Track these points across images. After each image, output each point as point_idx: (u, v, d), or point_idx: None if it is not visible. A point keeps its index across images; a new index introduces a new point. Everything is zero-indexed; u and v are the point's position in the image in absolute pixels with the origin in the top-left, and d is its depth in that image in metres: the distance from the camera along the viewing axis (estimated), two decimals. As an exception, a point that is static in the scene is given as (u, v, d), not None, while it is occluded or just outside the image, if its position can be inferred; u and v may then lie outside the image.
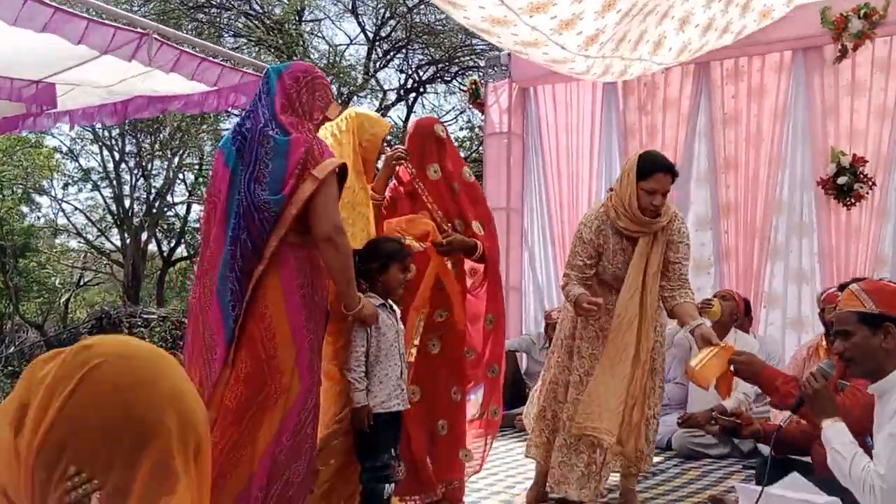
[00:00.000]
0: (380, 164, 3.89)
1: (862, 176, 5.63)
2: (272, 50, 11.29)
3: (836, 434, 2.58)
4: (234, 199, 2.83)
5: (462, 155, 12.80)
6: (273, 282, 2.78)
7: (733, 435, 3.65)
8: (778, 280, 6.20)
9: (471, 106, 8.01)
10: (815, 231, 6.01)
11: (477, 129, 12.85)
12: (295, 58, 11.16)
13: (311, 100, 2.93)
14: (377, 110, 12.72)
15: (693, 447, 5.12)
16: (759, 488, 2.68)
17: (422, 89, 13.05)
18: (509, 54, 7.26)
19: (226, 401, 2.77)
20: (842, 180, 5.64)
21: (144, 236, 14.71)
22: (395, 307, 3.36)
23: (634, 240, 3.67)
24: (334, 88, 12.24)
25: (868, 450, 2.64)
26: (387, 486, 3.17)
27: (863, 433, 2.68)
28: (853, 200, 5.68)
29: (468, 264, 3.95)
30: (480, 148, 11.98)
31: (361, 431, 3.16)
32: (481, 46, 11.97)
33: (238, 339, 2.77)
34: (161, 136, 13.75)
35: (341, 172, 2.92)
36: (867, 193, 5.66)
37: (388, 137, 3.84)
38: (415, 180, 3.84)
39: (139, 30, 5.36)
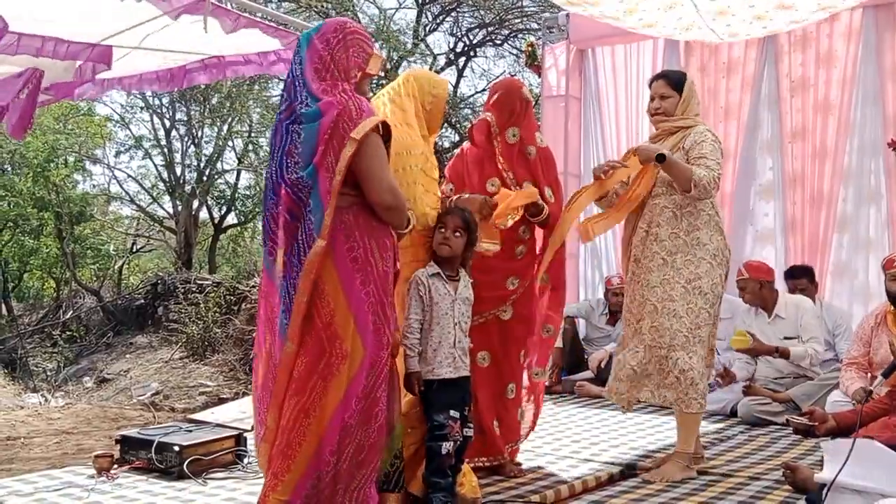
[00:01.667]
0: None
1: (940, 140, 5.42)
2: (322, 15, 11.23)
3: None
4: (271, 177, 2.83)
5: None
6: (321, 254, 2.72)
7: (808, 435, 3.55)
8: (846, 250, 6.04)
9: (526, 68, 7.88)
10: (885, 198, 5.82)
11: (531, 94, 12.70)
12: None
13: (346, 58, 2.80)
14: (427, 75, 12.62)
15: (759, 415, 5.03)
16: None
17: (472, 53, 12.89)
18: (567, 15, 7.11)
19: (294, 371, 2.76)
20: (915, 141, 5.44)
21: (196, 203, 14.85)
22: (461, 274, 3.37)
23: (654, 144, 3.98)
24: (384, 53, 12.16)
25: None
26: (444, 444, 3.20)
27: None
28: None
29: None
30: (536, 112, 11.85)
31: (421, 395, 3.25)
32: (532, 8, 11.77)
33: (301, 311, 2.74)
34: (210, 103, 13.80)
35: (385, 132, 2.82)
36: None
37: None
38: (495, 139, 3.81)
39: (196, -6, 5.34)
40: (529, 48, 7.39)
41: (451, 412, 3.24)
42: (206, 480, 3.76)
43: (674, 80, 3.97)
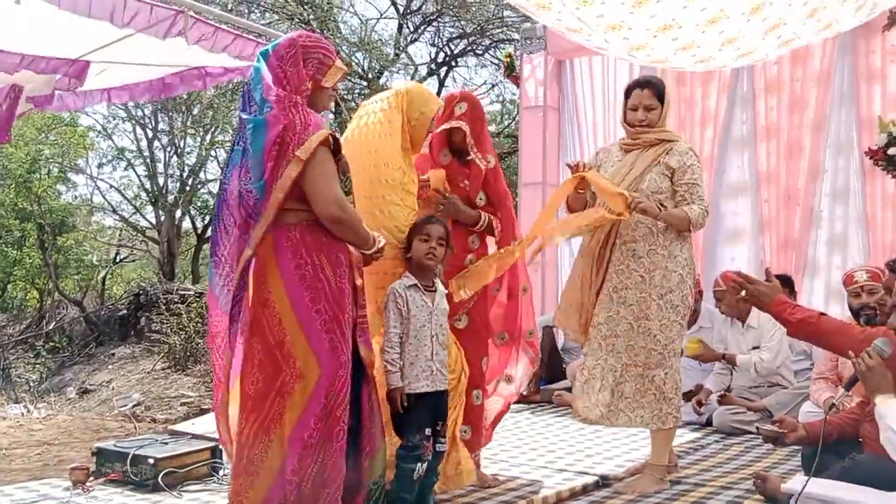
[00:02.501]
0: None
1: (916, 146, 5.49)
2: (303, 25, 11.25)
3: (889, 410, 2.55)
4: (223, 190, 2.85)
5: (494, 129, 12.74)
6: (271, 266, 2.75)
7: (777, 443, 3.60)
8: (820, 248, 6.12)
9: (505, 79, 7.93)
10: (857, 196, 5.89)
11: (508, 104, 12.74)
12: (326, 33, 11.11)
13: (298, 71, 2.78)
14: (409, 85, 12.64)
15: (734, 424, 5.07)
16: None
17: (453, 63, 12.95)
18: (545, 26, 7.16)
19: (245, 388, 2.79)
20: (893, 151, 5.50)
21: (178, 213, 14.83)
22: (437, 285, 3.35)
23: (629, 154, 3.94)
24: (365, 64, 12.20)
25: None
26: (417, 466, 3.18)
27: None
28: (904, 172, 5.55)
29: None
30: (513, 122, 11.91)
31: (396, 411, 3.19)
32: (513, 18, 11.83)
33: (250, 327, 2.77)
34: (192, 113, 13.80)
35: (336, 145, 2.81)
36: (921, 165, 5.52)
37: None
38: (472, 149, 3.79)
39: (174, 7, 5.37)
40: (508, 59, 7.44)
41: (427, 431, 3.22)
42: (181, 493, 3.76)
43: (659, 91, 3.89)
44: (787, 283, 5.72)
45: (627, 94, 3.95)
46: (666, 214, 3.72)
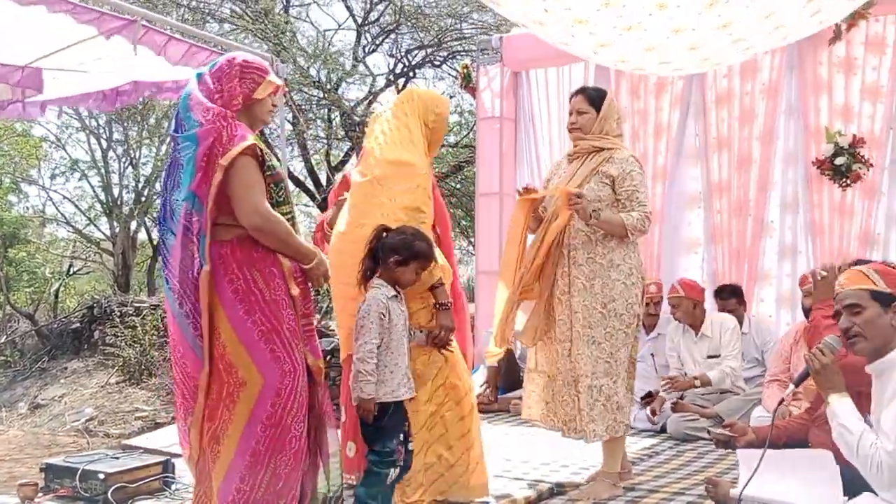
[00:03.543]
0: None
1: (860, 157, 5.62)
2: (259, 37, 11.20)
3: (842, 409, 2.60)
4: (163, 205, 2.91)
5: (452, 140, 12.78)
6: (208, 281, 2.80)
7: (727, 447, 3.65)
8: (770, 257, 6.22)
9: (462, 90, 7.97)
10: (806, 208, 6.02)
11: (466, 114, 12.79)
12: (282, 44, 11.07)
13: (230, 88, 2.87)
14: (366, 96, 12.63)
15: (688, 431, 5.14)
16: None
17: (411, 74, 12.97)
18: (501, 38, 7.23)
19: (206, 399, 2.85)
20: (839, 161, 5.63)
21: (134, 225, 14.63)
22: (401, 293, 3.39)
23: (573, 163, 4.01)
24: (322, 75, 12.16)
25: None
26: (392, 471, 3.21)
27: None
28: (850, 181, 5.68)
29: None
30: (471, 133, 11.95)
31: (373, 423, 3.20)
32: (471, 31, 11.90)
33: (207, 334, 2.83)
34: (148, 123, 13.64)
35: (262, 156, 2.85)
36: (865, 174, 5.65)
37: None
38: None
39: (126, 16, 5.32)
40: (465, 70, 7.48)
41: (401, 436, 3.26)
42: (132, 509, 3.72)
43: (591, 96, 3.95)
44: (735, 293, 5.84)
45: (570, 101, 4.05)
46: (599, 220, 3.73)
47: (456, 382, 3.65)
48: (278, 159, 7.72)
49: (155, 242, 15.41)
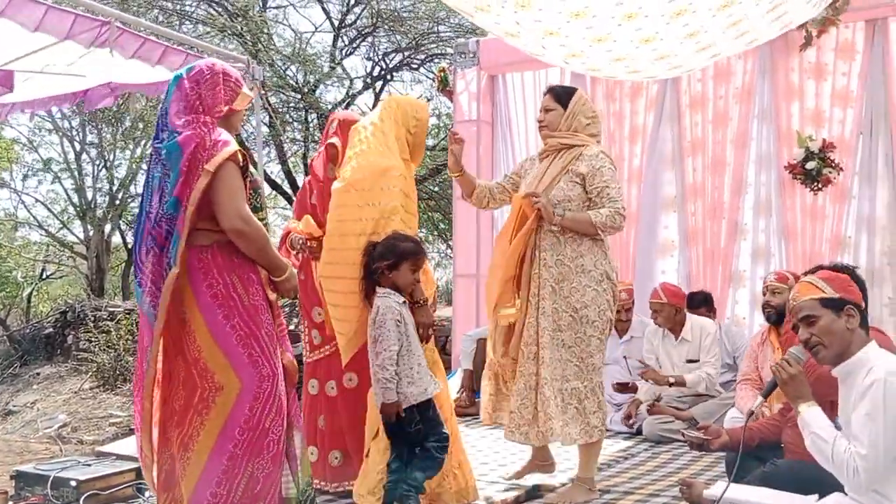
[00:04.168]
0: None
1: (830, 161, 5.69)
2: (235, 38, 11.13)
3: (813, 417, 2.62)
4: (141, 210, 2.91)
5: (430, 143, 12.78)
6: (185, 286, 2.82)
7: (702, 449, 3.68)
8: (743, 260, 6.28)
9: (439, 93, 7.97)
10: (779, 211, 6.09)
11: (444, 118, 12.79)
12: (259, 46, 11.02)
13: (212, 95, 2.90)
14: (343, 99, 12.60)
15: (663, 433, 5.17)
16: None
17: (389, 77, 12.96)
18: (478, 41, 7.25)
19: (171, 405, 2.84)
20: (810, 165, 5.70)
21: (108, 228, 14.50)
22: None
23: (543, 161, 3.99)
24: (300, 77, 12.12)
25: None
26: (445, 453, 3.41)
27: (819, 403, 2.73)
28: (820, 185, 5.74)
29: None
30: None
31: (423, 422, 3.32)
32: (448, 34, 11.91)
33: (174, 346, 2.85)
34: (122, 126, 13.52)
35: (244, 161, 2.89)
36: (836, 178, 5.72)
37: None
38: (336, 171, 3.84)
39: (100, 17, 5.28)
40: (441, 73, 7.48)
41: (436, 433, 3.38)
42: (105, 516, 3.69)
43: (558, 94, 3.93)
44: (705, 301, 5.88)
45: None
46: (564, 219, 3.72)
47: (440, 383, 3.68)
48: (254, 163, 7.70)
49: (129, 246, 15.30)
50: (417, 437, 3.36)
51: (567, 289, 3.77)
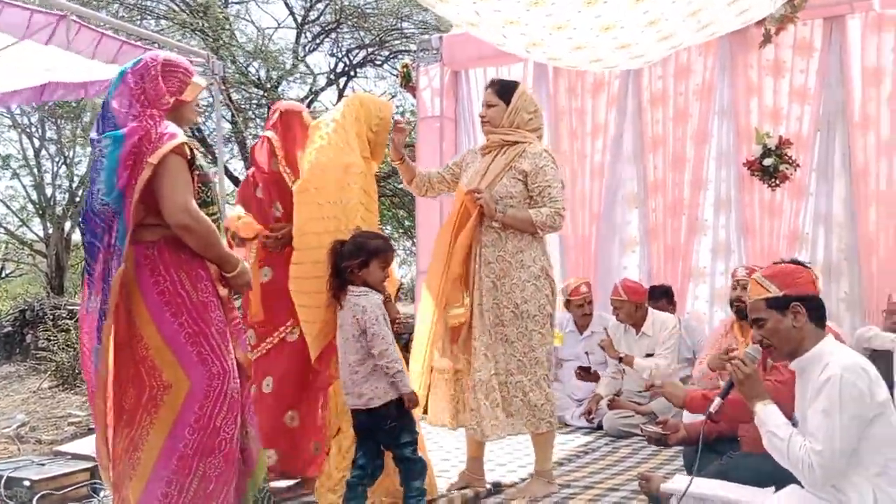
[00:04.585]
0: None
1: (787, 157, 5.76)
2: (197, 33, 11.01)
3: (769, 416, 2.64)
4: (85, 205, 2.86)
5: (395, 140, 12.70)
6: (131, 283, 2.76)
7: (660, 444, 3.72)
8: (703, 255, 6.34)
9: (403, 90, 7.95)
10: (738, 207, 6.15)
11: (408, 114, 12.77)
12: (221, 42, 10.91)
13: (157, 86, 2.81)
14: (307, 95, 12.52)
15: (623, 428, 5.21)
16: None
17: (353, 73, 12.90)
18: (441, 37, 7.23)
19: (121, 403, 2.78)
20: (768, 162, 5.76)
21: (67, 226, 14.26)
22: None
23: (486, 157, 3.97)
24: (262, 73, 12.02)
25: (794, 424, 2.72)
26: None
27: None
28: (778, 182, 5.81)
29: None
30: (412, 133, 11.93)
31: (398, 417, 3.34)
32: (412, 30, 11.89)
33: (121, 344, 2.77)
34: (82, 121, 13.31)
35: (192, 154, 2.83)
36: (793, 174, 5.80)
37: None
38: (282, 165, 3.81)
39: (56, 11, 5.18)
40: (404, 69, 7.46)
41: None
42: (58, 517, 3.63)
43: (499, 89, 3.90)
44: (666, 294, 5.94)
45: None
46: (505, 216, 3.73)
47: None
48: (215, 159, 7.62)
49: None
50: (391, 433, 3.35)
51: (508, 285, 3.78)
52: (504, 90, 3.90)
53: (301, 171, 3.65)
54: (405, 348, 3.98)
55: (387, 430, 3.35)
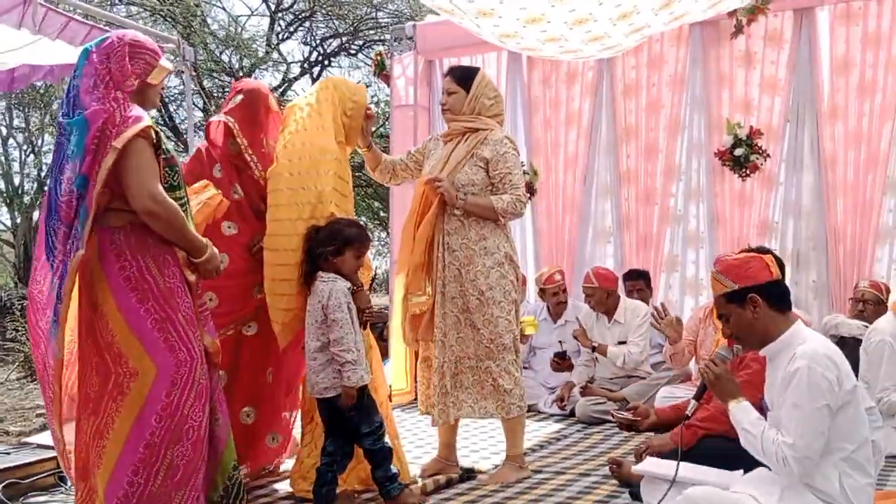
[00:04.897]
0: None
1: (758, 147, 5.82)
2: (168, 20, 10.89)
3: (743, 413, 2.66)
4: (49, 189, 2.81)
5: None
6: (96, 269, 2.72)
7: (631, 430, 3.74)
8: (675, 245, 6.39)
9: (377, 79, 7.91)
10: (710, 197, 6.19)
11: (382, 105, 12.72)
12: (192, 29, 10.79)
13: (122, 68, 2.76)
14: (280, 84, 12.43)
15: (595, 414, 5.24)
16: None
17: (326, 62, 12.82)
18: (414, 26, 7.21)
19: (86, 391, 2.74)
20: (738, 152, 5.81)
21: (36, 215, 14.07)
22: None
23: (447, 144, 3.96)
24: (235, 61, 11.92)
25: (763, 412, 2.74)
26: (385, 438, 3.43)
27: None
28: (748, 172, 5.87)
29: None
30: (387, 123, 11.89)
31: (354, 408, 3.33)
32: (386, 20, 11.84)
33: (85, 331, 2.75)
34: (51, 109, 13.12)
35: (157, 138, 2.77)
36: (763, 164, 5.85)
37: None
38: (246, 150, 3.68)
39: (24, -6, 5.09)
40: (378, 58, 7.42)
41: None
42: (24, 505, 3.59)
43: (458, 76, 3.89)
44: (642, 275, 5.99)
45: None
46: (467, 203, 3.73)
47: (376, 370, 3.69)
48: (186, 147, 7.53)
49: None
50: (351, 422, 3.36)
51: (473, 272, 3.79)
52: (464, 77, 3.88)
53: (274, 156, 3.59)
54: (380, 337, 3.98)
55: (345, 421, 3.35)
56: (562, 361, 5.61)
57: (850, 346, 4.52)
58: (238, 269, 3.55)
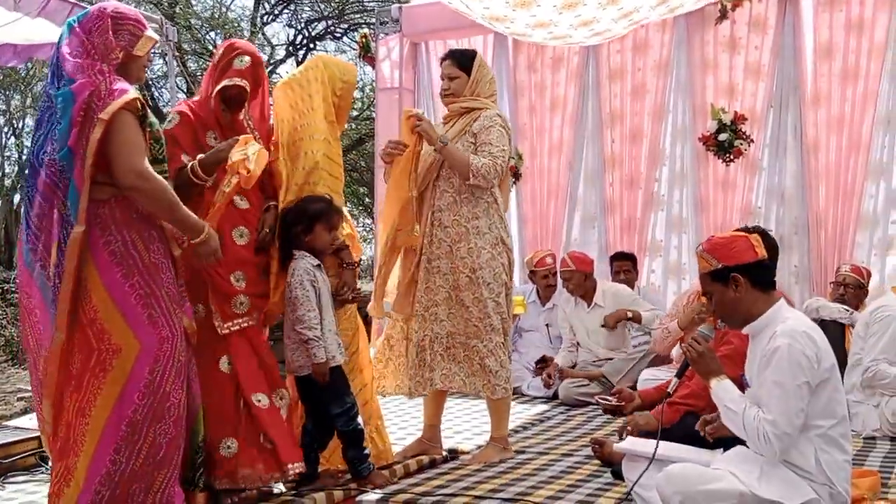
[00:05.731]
0: None
1: (742, 133, 5.84)
2: (151, 1, 10.78)
3: (724, 391, 2.69)
4: (30, 162, 2.77)
5: (354, 113, 12.64)
6: (81, 243, 2.67)
7: (616, 414, 3.76)
8: (659, 229, 6.41)
9: (362, 61, 7.87)
10: (694, 182, 6.22)
11: (368, 88, 12.67)
12: (176, 9, 10.70)
13: (105, 40, 2.71)
14: (265, 66, 12.35)
15: (578, 396, 5.27)
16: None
17: (312, 45, 12.74)
18: (400, 8, 7.17)
19: (69, 368, 2.70)
20: (723, 137, 5.83)
21: (17, 198, 13.95)
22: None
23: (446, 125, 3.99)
24: (219, 42, 11.82)
25: (743, 388, 2.77)
26: (359, 419, 3.41)
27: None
28: (732, 157, 5.89)
29: None
30: (372, 106, 11.84)
31: (324, 388, 3.31)
32: (371, 2, 11.77)
33: (71, 306, 2.68)
34: (32, 91, 12.99)
35: (143, 110, 2.73)
36: (746, 150, 5.88)
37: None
38: (248, 119, 3.50)
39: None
40: (363, 40, 7.39)
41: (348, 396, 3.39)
42: (4, 484, 3.58)
43: (460, 60, 3.92)
44: (629, 258, 6.02)
45: (441, 65, 4.01)
46: (445, 147, 3.72)
47: (363, 350, 3.70)
48: (161, 116, 7.43)
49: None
50: (320, 404, 3.36)
51: (464, 250, 3.80)
52: (464, 61, 3.91)
53: (276, 132, 3.44)
54: (365, 321, 3.95)
55: (316, 401, 3.35)
56: (545, 365, 5.62)
57: (830, 329, 4.56)
58: (245, 254, 3.34)
